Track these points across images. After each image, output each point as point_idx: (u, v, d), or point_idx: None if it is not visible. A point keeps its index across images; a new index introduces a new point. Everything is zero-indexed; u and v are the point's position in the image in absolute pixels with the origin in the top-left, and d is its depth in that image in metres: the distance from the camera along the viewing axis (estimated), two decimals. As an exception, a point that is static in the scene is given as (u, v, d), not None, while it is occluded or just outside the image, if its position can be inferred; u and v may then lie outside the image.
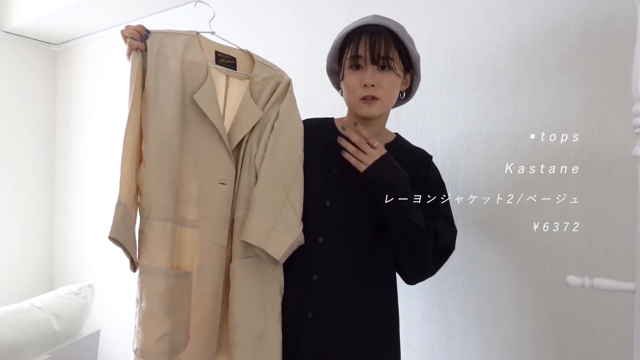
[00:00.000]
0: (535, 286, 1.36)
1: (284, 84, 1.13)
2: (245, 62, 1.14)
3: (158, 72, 0.99)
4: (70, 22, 2.54)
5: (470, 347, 1.46)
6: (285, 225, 1.03)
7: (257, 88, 1.11)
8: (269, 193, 1.04)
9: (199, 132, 1.02)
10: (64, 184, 2.90)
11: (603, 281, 0.91)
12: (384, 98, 1.07)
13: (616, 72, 1.24)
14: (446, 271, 1.51)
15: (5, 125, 2.72)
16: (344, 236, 1.07)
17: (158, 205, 0.98)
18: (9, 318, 1.60)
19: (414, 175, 1.06)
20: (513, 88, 1.40)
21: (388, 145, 1.12)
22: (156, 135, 0.98)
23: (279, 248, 1.01)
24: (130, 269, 1.00)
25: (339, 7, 1.76)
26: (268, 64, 1.15)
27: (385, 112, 1.12)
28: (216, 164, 1.03)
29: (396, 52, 1.05)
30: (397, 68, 1.06)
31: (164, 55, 1.00)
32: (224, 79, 1.12)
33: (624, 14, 1.23)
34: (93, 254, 2.71)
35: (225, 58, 1.10)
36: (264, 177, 1.05)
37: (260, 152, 1.07)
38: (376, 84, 1.05)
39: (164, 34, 1.02)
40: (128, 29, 0.99)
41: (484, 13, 1.46)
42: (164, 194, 0.98)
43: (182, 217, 1.02)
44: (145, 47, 0.99)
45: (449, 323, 1.50)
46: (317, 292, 1.06)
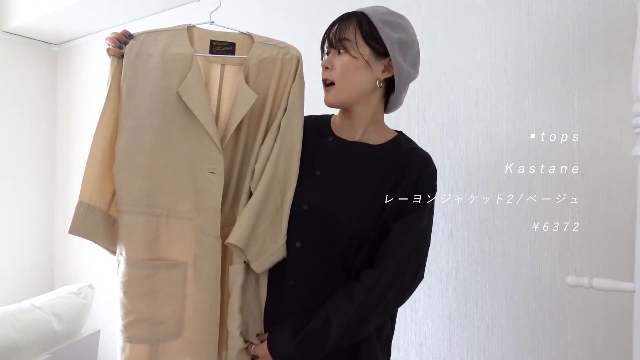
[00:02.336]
0: (535, 286, 1.36)
1: (292, 65, 1.05)
2: (246, 45, 1.08)
3: (136, 71, 1.01)
4: (70, 22, 2.54)
5: (470, 347, 1.46)
6: (272, 234, 1.01)
7: (253, 71, 1.05)
8: (265, 199, 1.01)
9: (186, 123, 1.02)
10: (64, 183, 2.90)
11: (603, 281, 0.90)
12: (338, 82, 0.99)
13: (616, 72, 1.24)
14: (446, 271, 1.51)
15: (5, 125, 2.72)
16: (322, 241, 1.00)
17: (128, 200, 1.01)
18: (9, 318, 1.60)
19: (400, 177, 0.99)
20: (513, 88, 1.40)
21: (383, 145, 1.05)
22: (126, 132, 1.01)
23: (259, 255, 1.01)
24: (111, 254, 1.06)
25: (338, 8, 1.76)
26: (271, 43, 1.07)
27: (344, 98, 1.01)
28: (204, 154, 1.02)
29: (358, 33, 0.97)
30: (352, 49, 0.97)
31: (144, 54, 1.01)
32: (219, 67, 1.10)
33: (624, 14, 1.23)
34: (93, 254, 2.71)
35: (221, 45, 1.07)
36: (264, 185, 1.01)
37: (263, 154, 1.03)
38: (330, 66, 1.00)
39: (147, 34, 1.03)
40: (109, 37, 1.02)
41: (484, 13, 1.46)
42: (135, 188, 1.01)
43: (170, 208, 1.03)
44: (122, 53, 1.02)
45: (449, 323, 1.50)
46: (292, 297, 1.02)
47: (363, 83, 1.00)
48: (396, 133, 1.09)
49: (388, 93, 1.05)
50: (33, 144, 2.85)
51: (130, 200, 1.01)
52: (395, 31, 0.99)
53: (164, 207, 1.03)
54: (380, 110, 1.07)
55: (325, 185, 1.02)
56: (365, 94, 1.02)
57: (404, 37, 0.99)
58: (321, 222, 1.00)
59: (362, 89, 1.01)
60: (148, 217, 1.02)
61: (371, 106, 1.04)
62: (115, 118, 1.02)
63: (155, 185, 1.02)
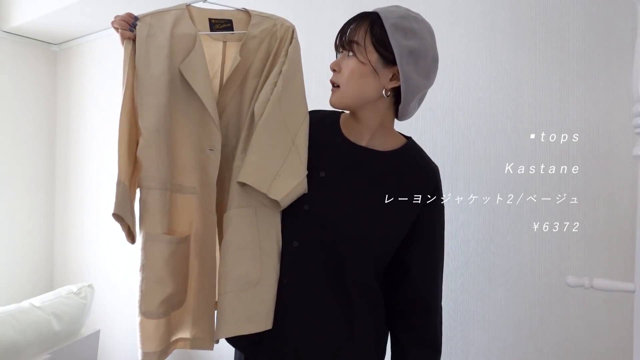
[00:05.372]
0: (535, 286, 1.36)
1: (288, 32, 1.08)
2: (243, 21, 1.10)
3: (149, 51, 1.02)
4: (70, 22, 2.54)
5: (470, 347, 1.46)
6: (291, 172, 0.99)
7: (254, 42, 1.07)
8: (273, 138, 0.99)
9: (189, 101, 1.04)
10: (64, 183, 2.90)
11: (603, 281, 0.90)
12: (343, 86, 0.97)
13: (616, 72, 1.25)
14: (446, 272, 1.51)
15: (6, 125, 2.72)
16: (319, 245, 0.98)
17: (159, 176, 1.03)
18: (9, 318, 1.60)
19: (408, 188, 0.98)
20: (513, 88, 1.40)
21: (391, 153, 1.02)
22: (151, 109, 1.02)
23: (282, 191, 0.97)
24: (128, 241, 1.05)
25: (339, 7, 1.76)
26: (266, 15, 1.10)
27: (347, 103, 0.98)
28: (205, 131, 1.04)
29: (368, 38, 0.93)
30: (360, 53, 0.94)
31: (154, 35, 1.03)
32: (221, 45, 1.12)
33: (624, 14, 1.23)
34: (93, 254, 2.71)
35: (220, 23, 1.09)
36: (267, 122, 1.00)
37: (263, 97, 1.01)
38: (338, 68, 0.98)
39: (151, 16, 1.04)
40: (117, 20, 1.01)
41: (484, 12, 1.46)
42: (163, 165, 1.04)
43: (179, 185, 1.07)
44: (135, 36, 1.03)
45: (449, 323, 1.50)
46: (284, 296, 1.00)
47: (368, 90, 0.96)
48: (406, 140, 1.06)
49: (397, 101, 0.99)
50: (33, 144, 2.85)
51: (162, 176, 1.04)
52: (407, 38, 0.92)
53: (176, 182, 1.07)
54: (390, 118, 1.03)
55: (328, 188, 1.00)
56: (369, 101, 0.98)
57: (416, 45, 0.93)
58: (320, 225, 0.99)
59: (366, 96, 0.97)
60: (167, 192, 1.05)
61: (378, 113, 1.00)
62: (134, 100, 1.04)
63: (172, 161, 1.06)
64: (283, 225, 1.02)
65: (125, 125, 1.02)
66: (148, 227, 1.03)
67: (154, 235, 1.02)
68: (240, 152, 1.03)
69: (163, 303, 1.02)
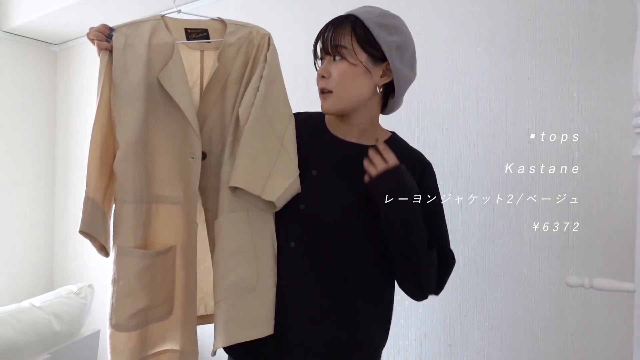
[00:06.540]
0: (535, 286, 1.36)
1: (265, 39, 1.08)
2: (218, 30, 1.11)
3: (127, 61, 1.02)
4: (70, 22, 2.54)
5: (470, 347, 1.46)
6: (283, 173, 0.99)
7: (232, 50, 1.07)
8: (261, 140, 1.00)
9: (168, 110, 1.03)
10: (64, 183, 2.90)
11: (603, 281, 0.90)
12: (336, 90, 0.98)
13: (616, 72, 1.25)
14: (446, 271, 1.51)
15: (6, 125, 2.72)
16: (317, 243, 0.98)
17: (134, 189, 1.02)
18: (9, 318, 1.60)
19: None
20: (513, 88, 1.40)
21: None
22: (130, 120, 1.01)
23: (276, 192, 0.97)
24: (102, 254, 1.05)
25: (339, 7, 1.76)
26: (241, 23, 1.11)
27: (343, 107, 1.00)
28: (186, 139, 1.04)
29: (354, 39, 0.95)
30: (350, 56, 0.95)
31: (131, 45, 1.02)
32: (199, 54, 1.12)
33: (624, 14, 1.23)
34: (93, 254, 2.69)
35: (196, 32, 1.09)
36: (254, 125, 1.00)
37: (246, 102, 1.02)
38: (327, 74, 0.98)
39: (127, 26, 1.04)
40: (92, 32, 1.00)
41: (484, 12, 1.46)
42: (139, 177, 1.02)
43: (158, 195, 1.05)
44: (111, 47, 1.02)
45: (449, 323, 1.50)
46: (285, 298, 0.99)
47: (362, 90, 0.99)
48: (390, 133, 1.09)
49: (386, 96, 1.04)
50: (33, 144, 2.85)
51: (137, 189, 1.02)
52: (392, 34, 0.97)
53: (154, 193, 1.05)
54: (377, 113, 1.07)
55: (321, 186, 1.01)
56: (364, 100, 1.01)
57: (401, 40, 0.98)
58: (317, 223, 0.99)
59: (361, 96, 1.00)
60: (144, 205, 1.03)
61: (369, 111, 1.04)
62: (109, 112, 1.02)
63: (149, 173, 1.04)
64: (279, 226, 1.02)
65: (98, 139, 1.01)
66: (120, 240, 1.02)
67: (125, 249, 1.01)
68: (227, 157, 1.02)
69: (134, 316, 1.01)
